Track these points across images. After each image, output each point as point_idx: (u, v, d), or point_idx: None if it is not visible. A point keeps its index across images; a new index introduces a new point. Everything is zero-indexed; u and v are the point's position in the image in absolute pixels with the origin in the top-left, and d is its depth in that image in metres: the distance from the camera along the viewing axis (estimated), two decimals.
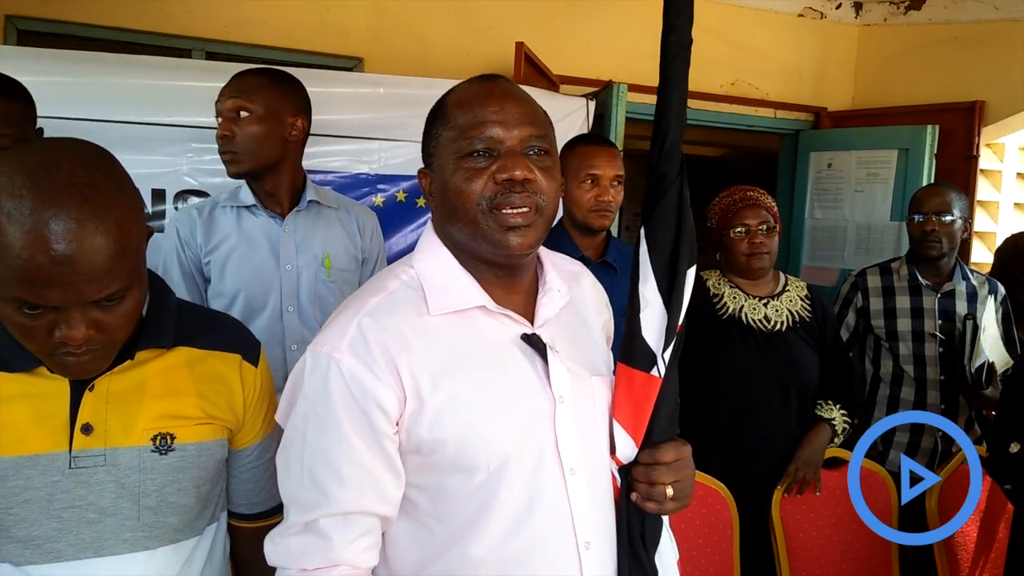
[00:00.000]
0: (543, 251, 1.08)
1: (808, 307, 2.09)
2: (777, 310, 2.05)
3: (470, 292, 0.98)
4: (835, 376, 2.09)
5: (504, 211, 0.93)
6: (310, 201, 1.87)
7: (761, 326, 2.02)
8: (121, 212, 0.85)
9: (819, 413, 2.05)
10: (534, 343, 0.98)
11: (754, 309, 2.04)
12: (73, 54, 2.36)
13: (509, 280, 1.01)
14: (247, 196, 1.83)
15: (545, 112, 1.03)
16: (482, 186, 0.94)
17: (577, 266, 1.17)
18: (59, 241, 0.79)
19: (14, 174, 0.81)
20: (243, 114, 1.75)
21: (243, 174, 1.80)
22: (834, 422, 2.02)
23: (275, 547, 0.94)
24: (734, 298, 2.06)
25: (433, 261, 1.00)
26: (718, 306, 2.05)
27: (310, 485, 0.92)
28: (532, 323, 1.01)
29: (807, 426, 2.04)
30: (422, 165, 1.04)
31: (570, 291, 1.07)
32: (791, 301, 2.08)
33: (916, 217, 2.43)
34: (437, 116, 1.01)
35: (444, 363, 0.93)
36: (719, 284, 2.09)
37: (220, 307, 1.81)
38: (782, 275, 2.15)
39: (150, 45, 2.95)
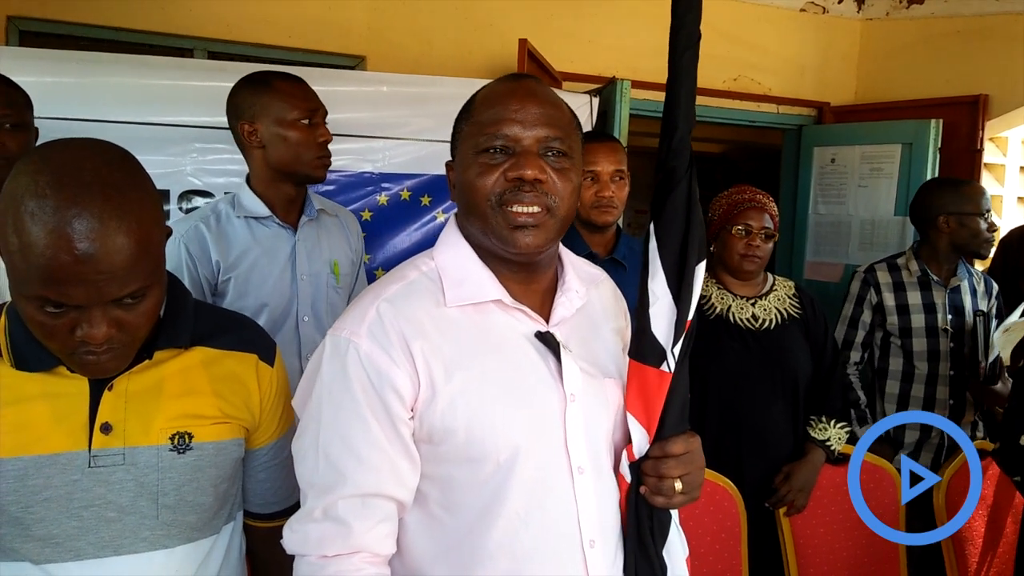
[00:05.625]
0: (565, 253, 1.09)
1: (797, 304, 2.08)
2: (765, 309, 2.04)
3: (487, 286, 0.98)
4: (826, 382, 2.05)
5: (512, 208, 0.94)
6: (317, 210, 1.87)
7: (749, 325, 2.02)
8: (142, 212, 0.85)
9: (812, 435, 1.99)
10: (547, 341, 0.98)
11: (742, 308, 2.03)
12: (75, 54, 2.35)
13: (526, 277, 1.02)
14: (257, 206, 1.76)
15: (572, 114, 1.02)
16: (493, 182, 0.94)
17: (599, 272, 1.17)
18: (82, 240, 0.80)
19: (37, 173, 0.81)
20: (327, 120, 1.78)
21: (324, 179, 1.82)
22: (829, 443, 1.98)
23: (293, 534, 0.94)
24: (721, 298, 2.05)
25: (453, 254, 1.01)
26: (705, 307, 2.05)
27: (327, 467, 0.92)
28: (548, 322, 1.01)
29: (800, 422, 2.02)
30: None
31: (587, 294, 1.08)
32: (779, 300, 2.07)
33: (978, 218, 2.37)
34: (464, 111, 1.02)
35: (458, 354, 0.94)
36: (707, 285, 2.08)
37: None
38: (770, 276, 2.14)
39: (152, 45, 2.95)
